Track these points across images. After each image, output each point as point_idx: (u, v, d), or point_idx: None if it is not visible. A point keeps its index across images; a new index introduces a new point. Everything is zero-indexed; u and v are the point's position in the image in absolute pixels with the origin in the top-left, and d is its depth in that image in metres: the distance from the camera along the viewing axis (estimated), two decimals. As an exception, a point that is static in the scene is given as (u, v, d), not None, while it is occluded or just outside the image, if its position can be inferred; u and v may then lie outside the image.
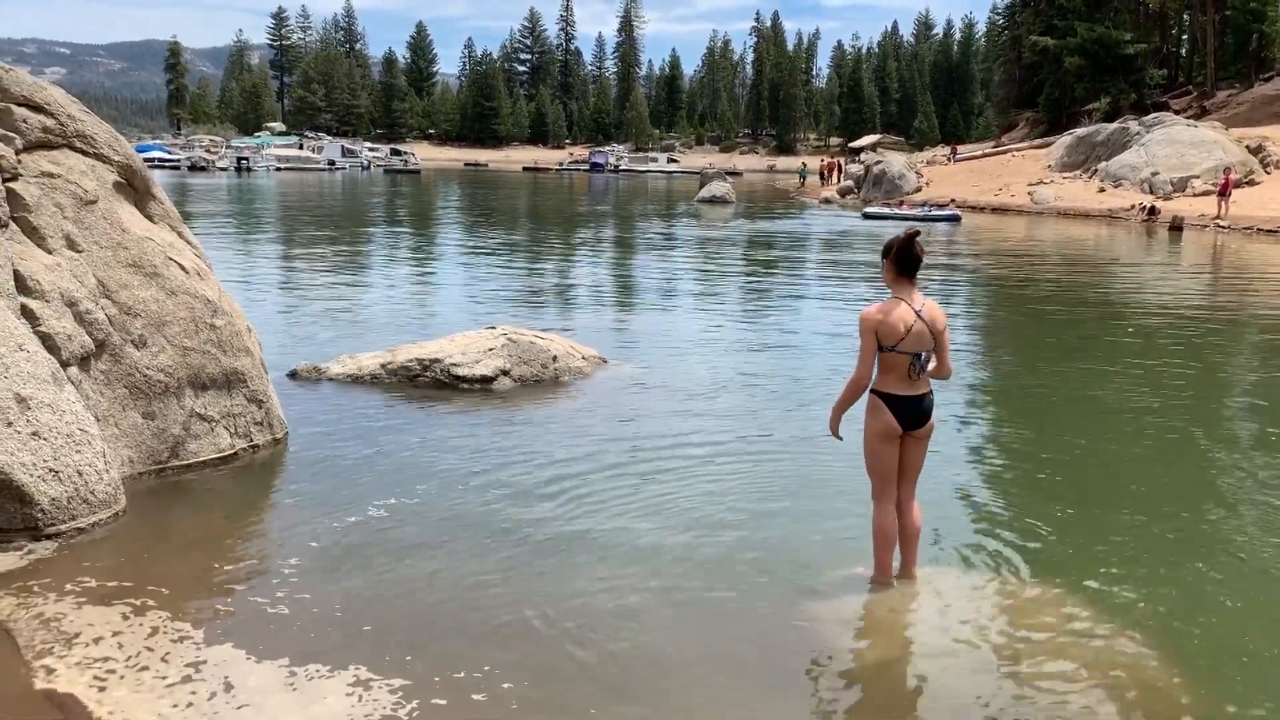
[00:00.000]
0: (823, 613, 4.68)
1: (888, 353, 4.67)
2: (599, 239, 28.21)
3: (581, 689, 3.98)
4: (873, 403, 4.78)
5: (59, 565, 4.88)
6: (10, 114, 6.30)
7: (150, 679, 3.85)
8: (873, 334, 4.67)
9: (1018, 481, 6.90)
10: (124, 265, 6.39)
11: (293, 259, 20.89)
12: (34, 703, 3.69)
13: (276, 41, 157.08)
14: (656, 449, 7.11)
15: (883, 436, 4.78)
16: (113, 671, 3.89)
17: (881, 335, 4.66)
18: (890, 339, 4.65)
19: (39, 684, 3.79)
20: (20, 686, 3.79)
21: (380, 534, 5.42)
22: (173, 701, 3.71)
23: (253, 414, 6.86)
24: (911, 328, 4.64)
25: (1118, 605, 4.76)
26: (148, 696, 3.74)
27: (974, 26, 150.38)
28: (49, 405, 5.30)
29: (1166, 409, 8.89)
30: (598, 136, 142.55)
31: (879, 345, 4.68)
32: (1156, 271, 21.29)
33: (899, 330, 4.63)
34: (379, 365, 8.96)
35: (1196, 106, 57.66)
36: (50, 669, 3.90)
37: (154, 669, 3.92)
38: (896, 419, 4.74)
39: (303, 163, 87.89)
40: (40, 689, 3.76)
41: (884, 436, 4.78)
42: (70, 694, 3.72)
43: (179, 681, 3.85)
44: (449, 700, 3.82)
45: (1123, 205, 36.88)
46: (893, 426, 4.75)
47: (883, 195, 46.00)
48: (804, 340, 12.04)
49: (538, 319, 12.68)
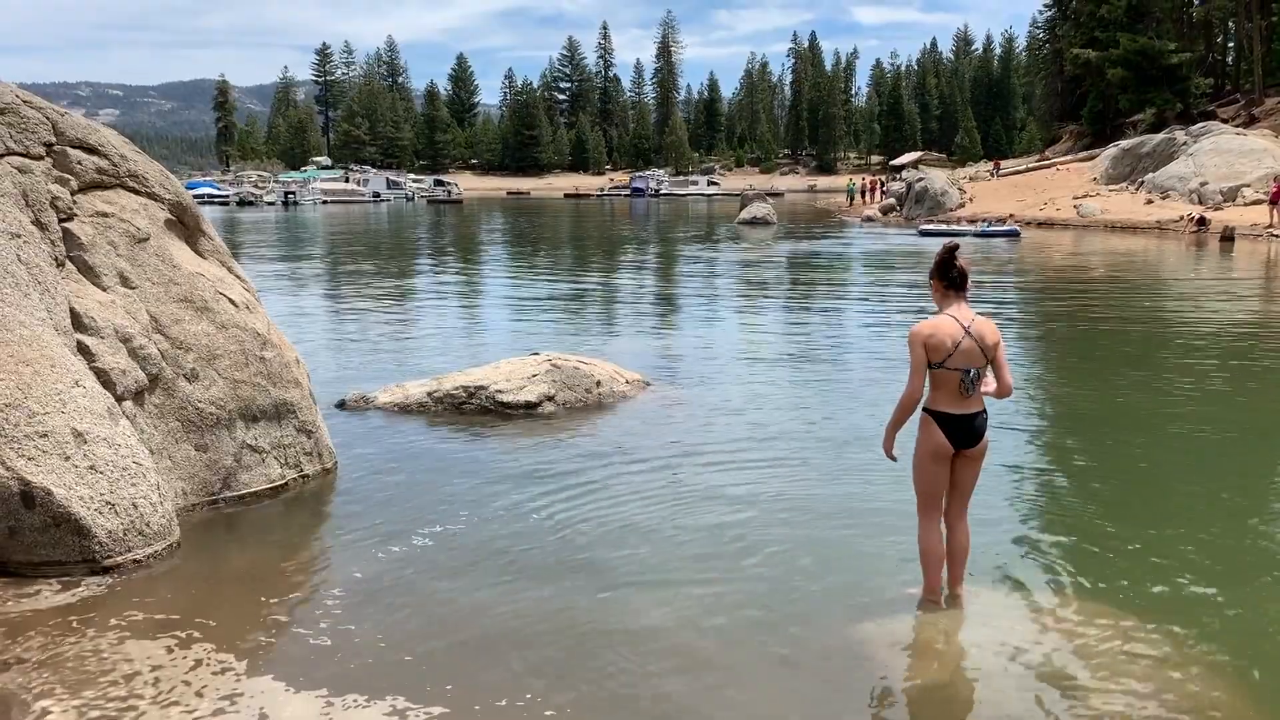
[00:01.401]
0: (874, 634, 4.62)
1: (937, 369, 4.63)
2: (641, 263, 28.29)
3: (627, 715, 3.95)
4: (924, 420, 4.73)
5: (112, 599, 4.95)
6: (66, 156, 6.48)
7: (179, 713, 3.84)
8: (920, 348, 4.62)
9: (1071, 499, 6.78)
10: (175, 301, 6.52)
11: (339, 290, 21.19)
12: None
13: (321, 77, 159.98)
14: (701, 472, 7.10)
15: (933, 455, 4.72)
16: (158, 699, 3.90)
17: (930, 350, 4.61)
18: (938, 355, 4.60)
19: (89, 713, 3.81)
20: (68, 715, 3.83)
21: (426, 563, 5.45)
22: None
23: (302, 444, 6.95)
24: (960, 344, 4.59)
25: (1175, 626, 4.65)
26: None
27: (1014, 41, 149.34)
28: (105, 439, 5.41)
29: (1224, 426, 8.71)
30: (638, 162, 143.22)
31: (929, 362, 4.64)
32: (1210, 283, 20.90)
33: (946, 346, 4.59)
34: (425, 394, 9.05)
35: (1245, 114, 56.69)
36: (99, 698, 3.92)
37: (186, 703, 3.91)
38: (948, 438, 4.68)
39: (348, 195, 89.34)
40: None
41: (935, 455, 4.72)
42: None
43: (209, 715, 3.84)
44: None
45: (1171, 217, 36.31)
46: (944, 445, 4.69)
47: (925, 212, 45.70)
48: (850, 362, 11.96)
49: (581, 344, 12.73)
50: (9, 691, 3.99)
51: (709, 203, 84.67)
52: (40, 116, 6.46)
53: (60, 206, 6.29)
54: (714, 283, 22.24)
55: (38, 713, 3.83)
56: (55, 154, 6.45)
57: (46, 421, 5.24)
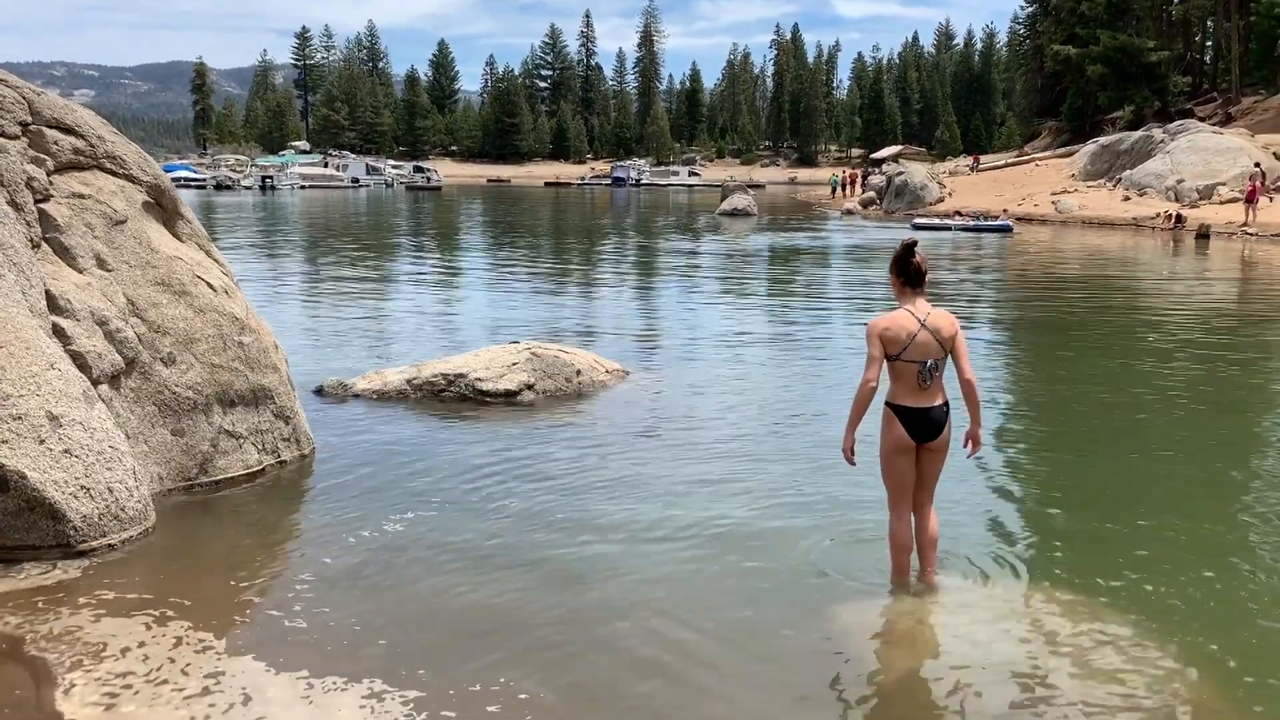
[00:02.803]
0: (850, 623, 4.66)
1: (895, 362, 4.72)
2: (621, 253, 28.27)
3: (602, 703, 3.98)
4: (885, 415, 4.82)
5: (88, 582, 4.93)
6: (42, 136, 6.41)
7: (169, 691, 3.91)
8: (876, 341, 4.71)
9: (1046, 490, 6.85)
10: (153, 284, 6.47)
11: (318, 276, 21.06)
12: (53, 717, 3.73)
13: (300, 61, 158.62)
14: (679, 461, 7.12)
15: (895, 449, 4.81)
16: (129, 686, 3.94)
17: (886, 343, 4.70)
18: (894, 347, 4.69)
19: (59, 698, 3.83)
20: (41, 701, 3.83)
21: (403, 550, 5.45)
22: (190, 714, 3.76)
23: (280, 430, 6.92)
24: (915, 336, 4.68)
25: (1149, 615, 4.71)
26: (165, 708, 3.79)
27: (995, 36, 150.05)
28: (80, 423, 5.37)
29: (1201, 418, 8.81)
30: (619, 151, 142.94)
31: (887, 354, 4.71)
32: (1187, 279, 21.10)
33: (901, 338, 4.68)
34: (404, 381, 9.02)
35: (1222, 113, 57.24)
36: (72, 683, 3.94)
37: (174, 681, 3.98)
38: (908, 431, 4.76)
39: (326, 181, 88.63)
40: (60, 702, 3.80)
41: (896, 449, 4.80)
42: (89, 706, 3.77)
43: (198, 694, 3.91)
44: (460, 713, 3.83)
45: (1148, 213, 36.60)
46: (904, 439, 4.78)
47: (905, 206, 45.89)
48: (829, 352, 12.02)
49: (561, 333, 12.72)
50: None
51: (690, 193, 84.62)
52: (16, 95, 6.38)
53: (36, 187, 6.22)
54: (694, 273, 22.26)
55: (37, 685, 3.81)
56: (31, 134, 6.37)
57: (21, 404, 5.19)
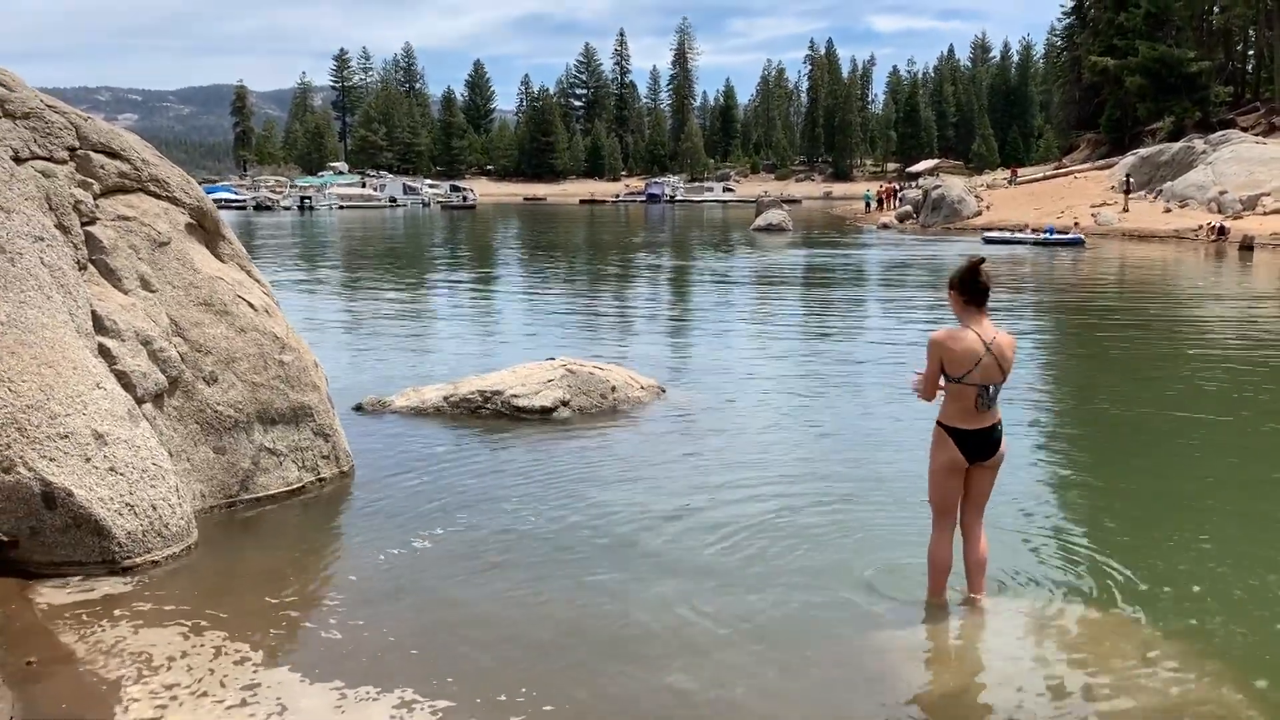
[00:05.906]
0: (890, 641, 4.62)
1: (954, 383, 4.56)
2: (656, 269, 28.31)
3: (631, 718, 3.97)
4: (938, 435, 4.67)
5: (133, 596, 5.01)
6: (89, 160, 6.55)
7: (210, 703, 4.00)
8: (938, 358, 4.56)
9: (1090, 508, 6.76)
10: (195, 304, 6.58)
11: (356, 294, 21.28)
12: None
13: (338, 83, 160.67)
14: (715, 478, 7.10)
15: (947, 470, 4.68)
16: (175, 698, 4.02)
17: (948, 363, 4.54)
18: (957, 369, 4.53)
19: (116, 710, 3.91)
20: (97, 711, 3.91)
21: (438, 565, 5.50)
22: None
23: (320, 447, 6.99)
24: (980, 360, 4.51)
25: (1194, 635, 4.63)
26: (208, 718, 3.88)
27: (1031, 48, 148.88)
28: (125, 441, 5.46)
29: (1248, 436, 8.66)
30: (653, 168, 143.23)
31: (946, 374, 4.58)
32: (1233, 293, 20.77)
33: (966, 361, 4.51)
34: (441, 398, 9.08)
35: (1264, 123, 56.39)
36: (124, 694, 4.03)
37: (214, 694, 4.07)
38: (962, 452, 4.63)
39: (364, 201, 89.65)
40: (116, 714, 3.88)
41: (948, 470, 4.68)
42: (139, 715, 3.87)
43: (237, 704, 3.99)
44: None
45: (1190, 225, 36.11)
46: (958, 460, 4.65)
47: (942, 220, 45.61)
48: (865, 371, 11.94)
49: (597, 349, 12.75)
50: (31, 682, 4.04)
51: (724, 209, 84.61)
52: (64, 121, 6.53)
53: (83, 210, 6.35)
54: (729, 290, 22.24)
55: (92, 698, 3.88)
56: (78, 158, 6.51)
57: (68, 423, 5.29)
